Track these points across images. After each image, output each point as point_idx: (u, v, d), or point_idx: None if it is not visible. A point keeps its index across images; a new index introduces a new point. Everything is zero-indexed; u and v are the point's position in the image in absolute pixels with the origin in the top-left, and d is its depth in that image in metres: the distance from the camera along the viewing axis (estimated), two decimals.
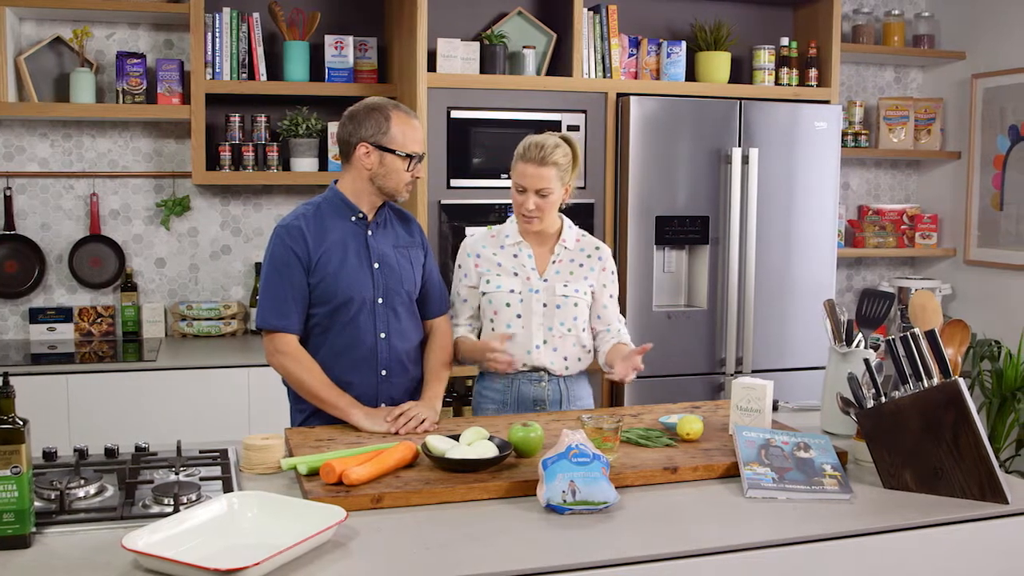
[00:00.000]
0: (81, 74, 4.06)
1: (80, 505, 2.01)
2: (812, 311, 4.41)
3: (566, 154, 2.89)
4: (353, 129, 2.74)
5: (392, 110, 2.73)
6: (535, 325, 2.93)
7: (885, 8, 5.25)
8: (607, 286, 3.00)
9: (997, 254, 4.97)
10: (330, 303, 2.74)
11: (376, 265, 2.78)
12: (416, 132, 2.76)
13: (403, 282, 2.83)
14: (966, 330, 2.55)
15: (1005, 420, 4.56)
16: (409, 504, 2.08)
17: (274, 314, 2.71)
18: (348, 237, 2.77)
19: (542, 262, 2.97)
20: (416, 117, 2.79)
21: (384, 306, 2.79)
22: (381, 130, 2.71)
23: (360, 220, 2.80)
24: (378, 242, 2.81)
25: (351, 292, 2.74)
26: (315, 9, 4.31)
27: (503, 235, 3.00)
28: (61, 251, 4.27)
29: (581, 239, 3.04)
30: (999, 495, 2.18)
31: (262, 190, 4.47)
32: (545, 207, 2.88)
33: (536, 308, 2.93)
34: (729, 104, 4.30)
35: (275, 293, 2.72)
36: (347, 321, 2.75)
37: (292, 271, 2.70)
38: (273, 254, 2.74)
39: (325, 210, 2.79)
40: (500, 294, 2.94)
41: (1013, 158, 4.87)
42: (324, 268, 2.72)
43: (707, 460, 2.35)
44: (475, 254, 2.99)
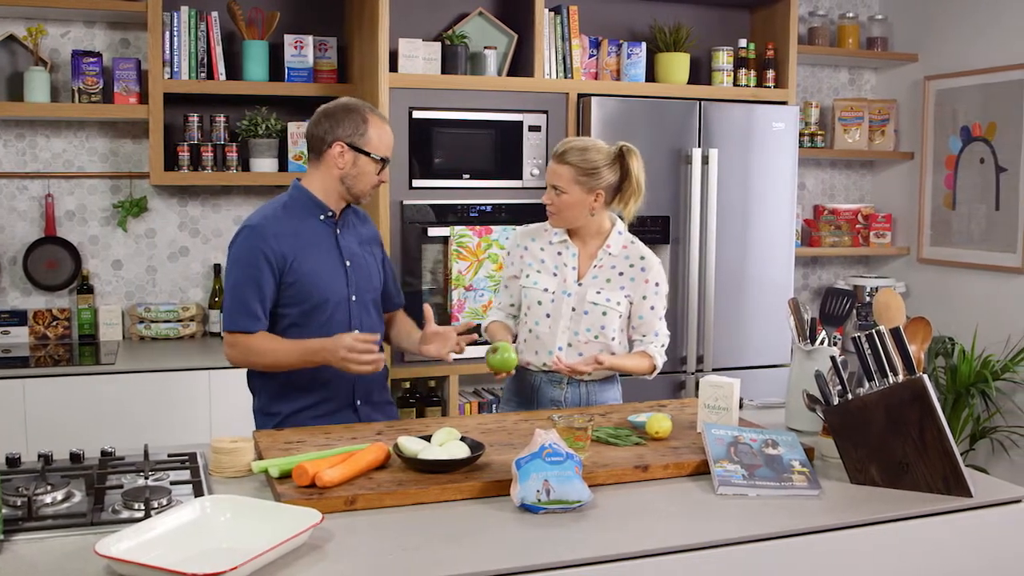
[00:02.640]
0: (35, 73, 3.99)
1: (48, 511, 1.97)
2: (771, 310, 4.46)
3: (593, 160, 2.86)
4: (329, 127, 2.72)
5: (369, 113, 2.74)
6: (561, 327, 2.94)
7: (840, 11, 5.33)
8: (647, 298, 2.96)
9: (950, 252, 5.06)
10: (306, 303, 2.72)
11: (348, 263, 2.79)
12: (389, 137, 2.78)
13: (372, 279, 2.87)
14: (928, 327, 2.59)
15: (959, 416, 4.64)
16: (383, 505, 2.07)
17: (242, 317, 2.68)
18: (319, 236, 2.76)
19: (584, 264, 2.98)
20: (388, 122, 2.81)
21: (357, 303, 2.80)
22: (359, 131, 2.71)
23: (329, 219, 2.79)
24: (346, 240, 2.81)
25: (327, 292, 2.73)
26: (274, 8, 4.28)
27: (553, 231, 3.02)
28: (15, 253, 4.20)
29: (629, 246, 3.00)
30: (963, 489, 2.22)
31: (221, 191, 4.43)
32: (559, 204, 2.90)
33: (564, 311, 2.94)
34: (688, 105, 4.34)
35: (242, 294, 2.68)
36: (323, 320, 2.73)
37: (260, 272, 2.67)
38: (240, 254, 2.71)
39: (293, 209, 2.77)
40: (535, 291, 2.97)
41: (964, 159, 4.97)
42: (299, 269, 2.70)
43: (677, 458, 2.37)
44: (523, 246, 3.05)
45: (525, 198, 4.20)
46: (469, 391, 4.45)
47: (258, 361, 2.74)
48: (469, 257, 4.08)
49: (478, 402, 4.31)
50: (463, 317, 4.08)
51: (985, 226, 4.86)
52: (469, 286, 4.09)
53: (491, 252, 4.11)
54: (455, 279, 4.08)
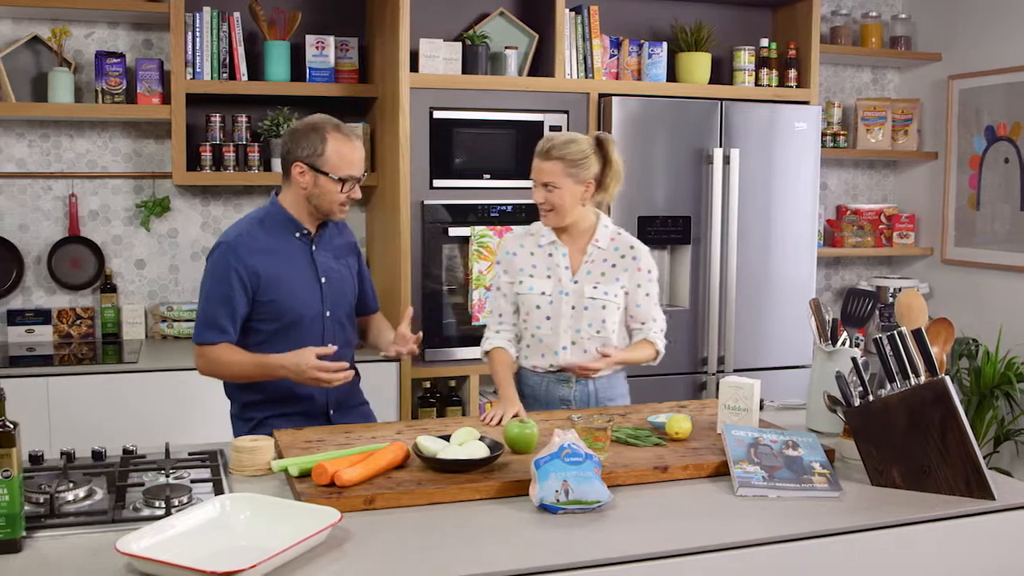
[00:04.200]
0: (59, 74, 4.02)
1: (70, 509, 1.99)
2: (792, 310, 4.44)
3: (580, 150, 2.89)
4: (291, 147, 2.72)
5: (330, 131, 2.70)
6: (563, 327, 2.95)
7: (863, 10, 5.30)
8: (641, 285, 2.99)
9: (974, 253, 5.02)
10: (280, 320, 2.74)
11: (323, 280, 2.80)
12: (353, 153, 2.72)
13: (347, 293, 2.89)
14: (950, 328, 2.57)
15: (983, 418, 4.60)
16: (401, 505, 2.08)
17: (210, 330, 2.71)
18: (294, 254, 2.77)
19: (575, 261, 2.99)
20: (357, 138, 2.76)
21: (331, 319, 2.82)
22: (316, 151, 2.69)
23: (304, 236, 2.80)
24: (321, 257, 2.82)
25: (302, 309, 2.75)
26: (296, 9, 4.30)
27: (540, 234, 3.03)
28: (39, 252, 4.23)
29: (616, 238, 3.03)
30: (986, 491, 2.20)
31: (243, 191, 4.45)
32: (554, 201, 2.90)
33: (564, 310, 2.95)
34: (710, 105, 4.32)
35: (213, 309, 2.71)
36: (296, 337, 2.73)
37: (232, 289, 2.69)
38: (213, 270, 2.73)
39: (269, 226, 2.78)
40: (532, 296, 2.97)
41: (989, 159, 4.92)
42: (274, 287, 2.72)
43: (697, 459, 2.36)
44: (512, 252, 3.04)
45: None
46: (490, 391, 4.45)
47: (222, 372, 2.76)
48: (489, 257, 4.08)
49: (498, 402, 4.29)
50: (483, 317, 4.08)
51: (1010, 226, 4.82)
52: (489, 286, 4.08)
53: None
54: (475, 279, 4.08)
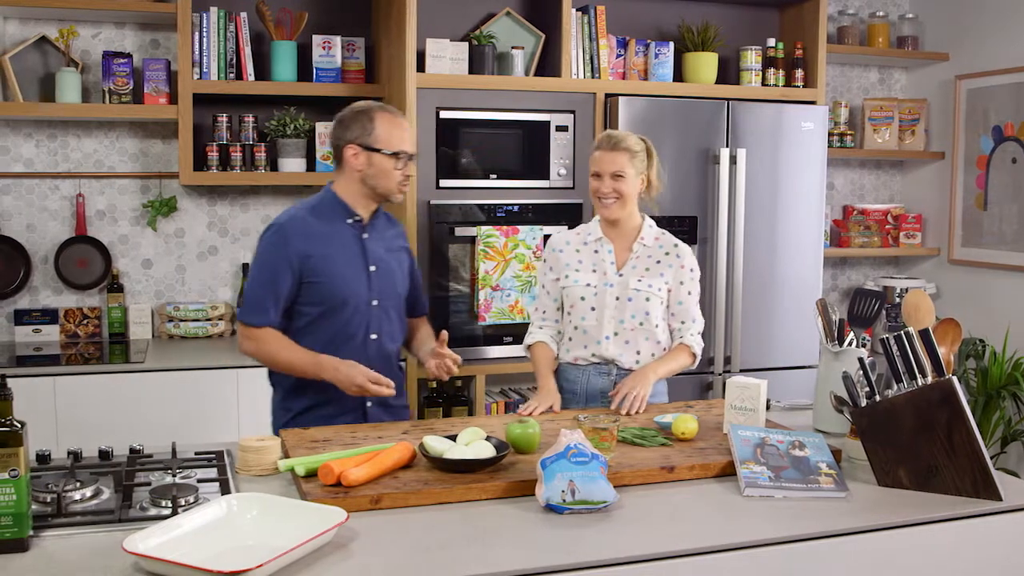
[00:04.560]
0: (67, 74, 4.03)
1: (77, 508, 2.00)
2: (799, 311, 4.43)
3: (639, 142, 3.01)
4: (341, 132, 2.80)
5: (377, 111, 2.78)
6: (607, 317, 3.00)
7: (869, 9, 5.29)
8: (684, 283, 3.07)
9: (981, 253, 5.01)
10: (325, 304, 2.76)
11: (372, 268, 2.82)
12: (402, 131, 2.80)
13: (396, 285, 2.90)
14: (958, 329, 2.57)
15: (990, 418, 4.59)
16: (408, 505, 2.08)
17: (255, 311, 2.76)
18: (344, 239, 2.80)
19: (621, 258, 3.06)
20: (403, 117, 2.84)
21: (378, 308, 2.83)
22: (366, 131, 2.76)
23: (356, 223, 2.82)
24: (372, 245, 2.84)
25: (347, 295, 2.77)
26: (303, 9, 4.30)
27: (586, 233, 3.11)
28: (46, 252, 4.24)
29: (660, 237, 3.12)
30: (993, 492, 2.19)
31: (249, 191, 4.46)
32: (622, 189, 2.98)
33: (609, 301, 3.01)
34: (717, 105, 4.32)
35: (258, 291, 2.76)
36: (341, 322, 2.77)
37: (278, 271, 2.73)
38: (263, 252, 2.78)
39: (321, 211, 2.82)
40: (577, 288, 3.03)
41: (996, 158, 4.91)
42: (320, 270, 2.74)
43: (703, 459, 2.36)
44: (559, 249, 3.10)
45: (552, 198, 4.20)
46: (496, 391, 4.45)
47: (270, 359, 2.79)
48: (496, 257, 4.08)
49: (504, 402, 4.30)
50: (489, 317, 4.08)
51: (1017, 227, 4.81)
52: (496, 286, 4.09)
53: (518, 252, 4.11)
54: (482, 279, 4.08)
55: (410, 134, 2.83)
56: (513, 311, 4.11)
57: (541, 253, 4.07)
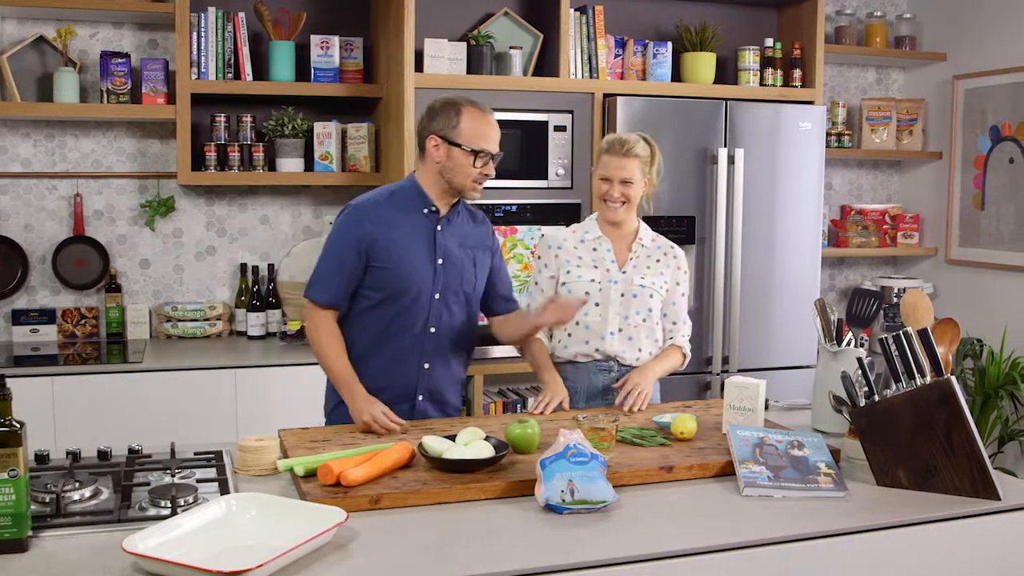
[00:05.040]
0: (65, 73, 4.03)
1: (76, 508, 2.00)
2: (797, 311, 4.44)
3: (645, 148, 3.04)
4: (427, 122, 2.78)
5: (465, 105, 2.76)
6: (611, 313, 3.02)
7: (867, 9, 5.29)
8: (680, 284, 3.13)
9: (978, 253, 5.01)
10: (387, 290, 2.77)
11: (440, 261, 2.81)
12: (488, 129, 2.76)
13: (463, 281, 2.87)
14: (956, 329, 2.57)
15: (988, 418, 4.60)
16: (407, 505, 2.08)
17: (318, 287, 2.79)
18: (417, 229, 2.80)
19: (620, 257, 3.08)
20: (492, 114, 2.80)
21: (440, 301, 2.82)
22: (451, 124, 2.74)
23: (432, 214, 2.82)
24: (445, 238, 2.83)
25: (409, 284, 2.77)
26: (301, 9, 4.30)
27: (583, 231, 3.13)
28: (44, 252, 4.24)
29: (657, 239, 3.17)
30: (991, 492, 2.20)
31: (247, 190, 4.45)
32: (630, 194, 3.01)
33: (614, 297, 3.03)
34: (715, 104, 4.32)
35: (324, 268, 2.80)
36: (401, 310, 2.77)
37: (346, 251, 2.76)
38: (335, 231, 2.82)
39: (399, 198, 2.83)
40: (580, 283, 3.03)
41: (994, 159, 4.92)
42: (386, 256, 2.76)
43: (702, 459, 2.36)
44: (556, 246, 3.10)
45: (551, 198, 4.20)
46: (494, 391, 4.45)
47: (314, 344, 2.81)
48: None
49: (503, 402, 4.30)
50: None
51: (1014, 226, 4.81)
52: None
53: (516, 252, 4.11)
54: None
55: (496, 132, 2.78)
56: None
57: None
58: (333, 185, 4.41)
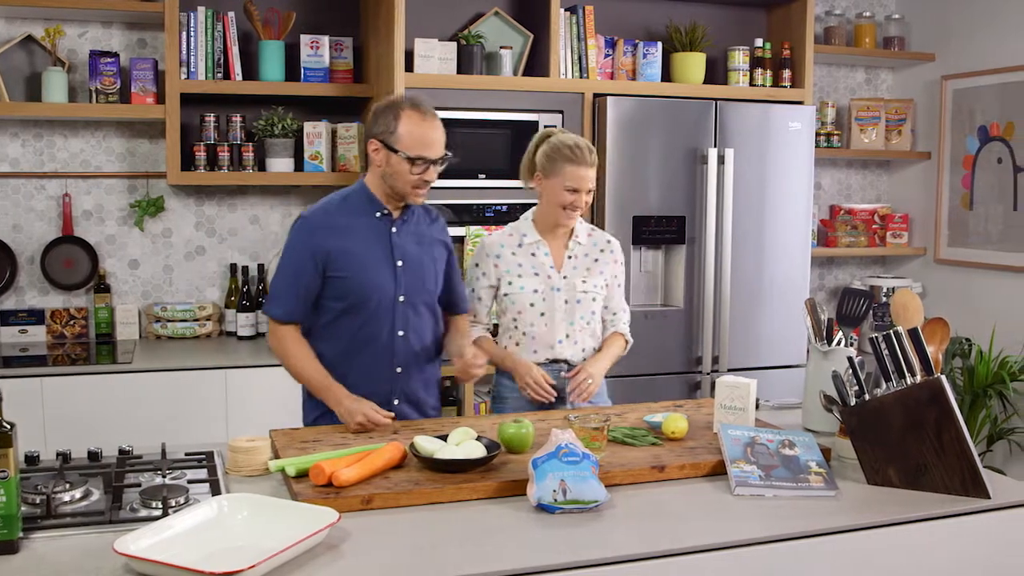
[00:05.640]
0: (53, 73, 4.01)
1: (66, 509, 1.99)
2: (787, 310, 4.45)
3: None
4: (371, 125, 2.74)
5: (405, 109, 2.68)
6: (558, 321, 3.03)
7: (856, 10, 5.31)
8: (617, 276, 3.15)
9: (967, 253, 5.03)
10: (348, 299, 2.74)
11: (399, 263, 2.77)
12: (429, 133, 2.68)
13: (425, 280, 2.84)
14: (946, 328, 2.58)
15: (977, 417, 4.62)
16: (399, 505, 2.08)
17: (277, 304, 2.75)
18: (371, 233, 2.76)
19: (558, 258, 3.07)
20: (435, 117, 2.71)
21: (405, 304, 2.79)
22: (389, 128, 2.68)
23: (384, 216, 2.78)
24: (402, 239, 2.79)
25: (371, 290, 2.74)
26: (290, 9, 4.29)
27: (520, 234, 3.09)
28: (33, 252, 4.22)
29: (592, 233, 3.15)
30: (981, 490, 2.21)
31: (237, 190, 4.44)
32: (589, 202, 3.02)
33: (558, 305, 3.03)
34: (704, 104, 4.33)
35: (281, 284, 2.76)
36: (366, 317, 2.74)
37: (302, 265, 2.72)
38: (288, 244, 2.78)
39: (351, 204, 2.79)
40: (523, 295, 3.02)
41: (982, 159, 4.94)
42: (343, 265, 2.72)
43: (693, 458, 2.37)
44: (495, 255, 3.07)
45: None
46: (484, 391, 4.45)
47: (285, 361, 2.78)
48: None
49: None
50: None
51: (1002, 226, 4.83)
52: None
53: None
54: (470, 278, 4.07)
55: (438, 136, 2.70)
56: None
57: None
58: (323, 185, 4.40)
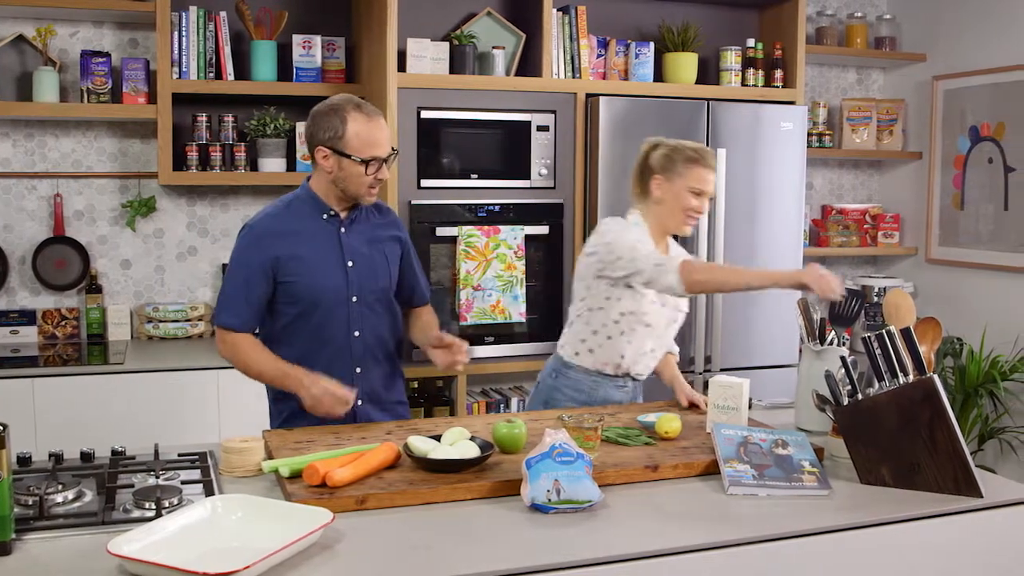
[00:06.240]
0: (44, 73, 4.00)
1: (59, 511, 1.98)
2: (778, 310, 4.45)
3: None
4: (313, 131, 2.67)
5: (350, 111, 2.63)
6: (655, 337, 3.03)
7: (848, 10, 5.32)
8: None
9: (958, 253, 5.05)
10: (301, 303, 2.71)
11: (350, 263, 2.74)
12: (375, 133, 2.64)
13: (378, 279, 2.80)
14: (938, 328, 2.59)
15: (968, 416, 4.63)
16: (393, 505, 2.08)
17: (227, 313, 2.71)
18: (319, 236, 2.73)
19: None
20: (379, 115, 2.68)
21: (359, 304, 2.76)
22: (337, 134, 2.62)
23: (332, 218, 2.75)
24: (351, 239, 2.76)
25: (322, 293, 2.71)
26: (282, 8, 4.28)
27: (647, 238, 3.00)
28: (24, 253, 4.21)
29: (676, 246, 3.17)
30: (974, 489, 2.21)
31: (229, 191, 4.43)
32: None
33: (661, 322, 3.02)
34: (696, 105, 4.33)
35: (230, 293, 2.72)
36: (321, 320, 2.72)
37: (250, 272, 2.68)
38: (235, 253, 2.74)
39: (296, 208, 2.75)
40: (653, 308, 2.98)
41: (973, 159, 4.95)
42: (294, 269, 2.69)
43: (687, 458, 2.37)
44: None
45: (533, 198, 4.20)
46: (477, 391, 4.45)
47: (242, 366, 2.73)
48: (477, 257, 4.08)
49: (486, 402, 4.31)
50: (471, 317, 4.08)
51: (993, 226, 4.85)
52: (477, 286, 4.08)
53: (499, 252, 4.11)
54: (463, 279, 4.08)
55: (386, 134, 2.67)
56: (495, 311, 4.11)
57: (523, 252, 4.09)
58: None
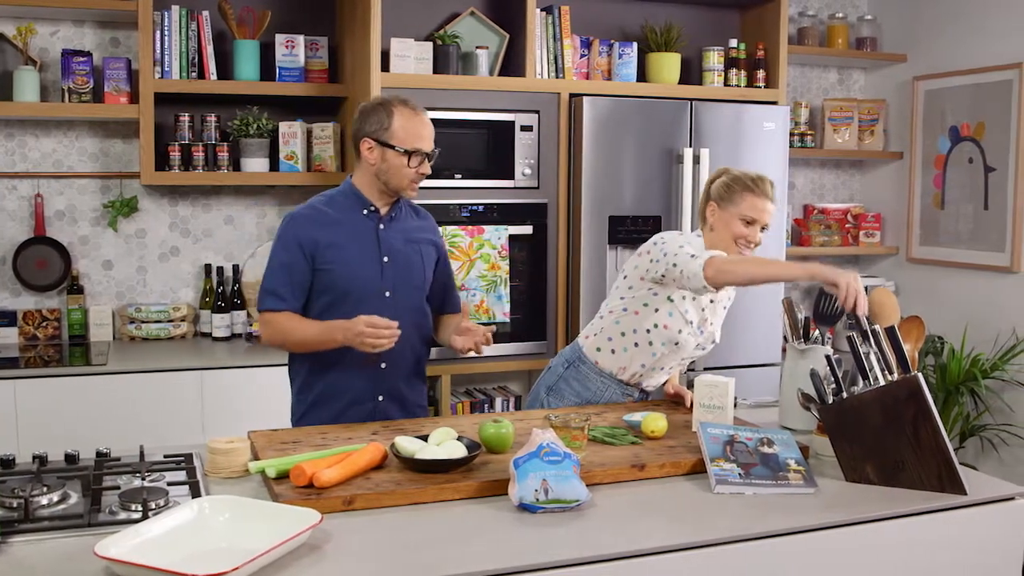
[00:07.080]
0: (25, 72, 3.97)
1: (44, 513, 1.97)
2: (761, 309, 4.47)
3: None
4: (360, 125, 2.77)
5: (397, 106, 2.75)
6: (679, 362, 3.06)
7: (829, 11, 5.35)
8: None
9: (938, 252, 5.08)
10: (333, 292, 2.76)
11: (385, 259, 2.80)
12: (420, 127, 2.75)
13: (412, 277, 2.86)
14: (921, 327, 2.61)
15: (949, 414, 4.66)
16: (381, 505, 2.07)
17: (269, 297, 2.76)
18: (359, 230, 2.80)
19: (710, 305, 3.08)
20: (424, 112, 2.79)
21: (392, 299, 2.80)
22: (383, 126, 2.73)
23: (372, 213, 2.81)
24: (389, 235, 2.82)
25: (355, 285, 2.76)
26: (265, 8, 4.27)
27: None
28: (4, 253, 4.17)
29: None
30: (957, 486, 2.23)
31: (211, 191, 4.41)
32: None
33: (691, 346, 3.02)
34: (680, 105, 4.35)
35: (275, 278, 2.77)
36: (350, 311, 2.71)
37: (293, 257, 2.75)
38: (277, 240, 2.81)
39: (338, 202, 2.83)
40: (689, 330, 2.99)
41: (953, 158, 4.99)
42: (331, 257, 2.75)
43: (673, 457, 2.38)
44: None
45: (517, 198, 4.20)
46: (461, 391, 4.45)
47: (286, 340, 2.77)
48: (461, 257, 4.08)
49: (470, 402, 4.30)
50: None
51: (973, 226, 4.89)
52: (461, 286, 4.08)
53: (483, 252, 4.11)
54: None
55: (429, 130, 2.77)
56: (479, 310, 4.11)
57: (507, 252, 4.09)
58: (298, 185, 4.39)
